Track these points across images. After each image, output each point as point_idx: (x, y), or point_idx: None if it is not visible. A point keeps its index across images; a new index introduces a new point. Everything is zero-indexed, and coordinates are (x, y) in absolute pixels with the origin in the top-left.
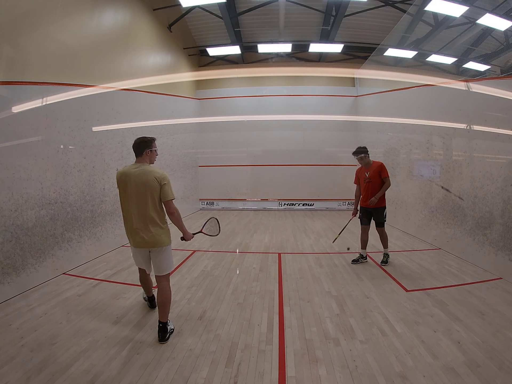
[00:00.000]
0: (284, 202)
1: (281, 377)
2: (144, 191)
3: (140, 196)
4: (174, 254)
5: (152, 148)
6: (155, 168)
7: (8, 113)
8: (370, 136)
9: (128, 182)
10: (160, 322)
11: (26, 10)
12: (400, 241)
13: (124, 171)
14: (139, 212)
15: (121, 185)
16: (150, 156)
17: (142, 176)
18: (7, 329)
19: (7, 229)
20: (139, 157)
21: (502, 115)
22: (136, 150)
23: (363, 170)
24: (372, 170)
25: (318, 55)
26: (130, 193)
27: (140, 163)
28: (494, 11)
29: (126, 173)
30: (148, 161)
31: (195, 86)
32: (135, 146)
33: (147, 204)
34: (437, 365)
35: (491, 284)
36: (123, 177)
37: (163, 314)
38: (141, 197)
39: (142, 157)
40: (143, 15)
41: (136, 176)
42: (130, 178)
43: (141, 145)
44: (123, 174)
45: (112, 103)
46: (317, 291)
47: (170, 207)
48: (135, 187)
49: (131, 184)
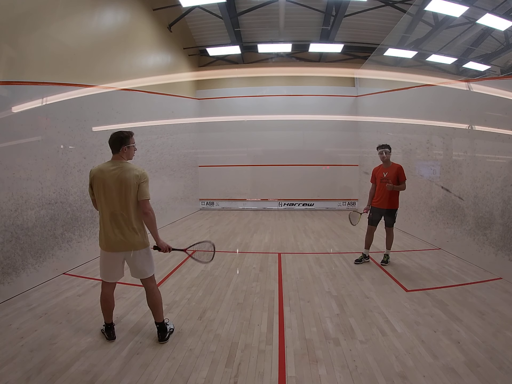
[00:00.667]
0: (284, 202)
1: (281, 377)
2: (124, 191)
3: (120, 195)
4: (174, 254)
5: (129, 144)
6: (135, 166)
7: (8, 113)
8: (370, 136)
9: (107, 181)
10: (156, 323)
11: (26, 10)
12: (400, 241)
13: (100, 169)
14: (118, 212)
15: (97, 184)
16: (128, 152)
17: (120, 175)
18: (7, 329)
19: (7, 229)
20: (115, 154)
21: (502, 115)
22: (112, 146)
23: (381, 169)
24: (390, 171)
25: (318, 55)
26: (108, 192)
27: (117, 160)
28: (494, 11)
29: (103, 171)
30: (126, 157)
31: (195, 86)
32: (111, 142)
33: (128, 204)
34: (437, 365)
35: (491, 284)
36: (99, 175)
37: (157, 315)
38: (121, 197)
39: (119, 154)
40: (143, 15)
41: (114, 175)
42: (108, 177)
43: (117, 141)
44: (100, 172)
45: (112, 103)
46: (317, 291)
47: (146, 206)
48: (114, 186)
49: (109, 183)
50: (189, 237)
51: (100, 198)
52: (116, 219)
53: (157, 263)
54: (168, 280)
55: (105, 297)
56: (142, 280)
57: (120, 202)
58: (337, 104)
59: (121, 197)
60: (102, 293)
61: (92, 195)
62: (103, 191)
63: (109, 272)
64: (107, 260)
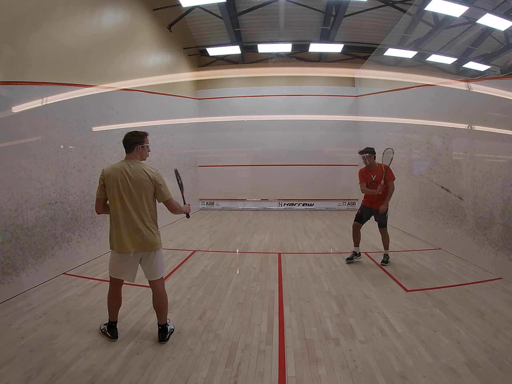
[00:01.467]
0: (284, 202)
1: (281, 377)
2: (140, 191)
3: (136, 196)
4: (174, 254)
5: (144, 144)
6: (149, 166)
7: (8, 113)
8: (370, 136)
9: (122, 181)
10: (159, 325)
11: (26, 10)
12: (400, 241)
13: (115, 168)
14: (135, 213)
15: (111, 184)
16: (142, 152)
17: (136, 175)
18: (7, 329)
19: (7, 229)
20: (129, 154)
21: (502, 115)
22: (126, 146)
23: (369, 172)
24: (378, 174)
25: (318, 55)
26: (124, 193)
27: (131, 159)
28: (494, 11)
29: (118, 171)
30: (139, 157)
31: (195, 86)
32: (125, 141)
33: (143, 205)
34: (437, 365)
35: (491, 284)
36: (114, 175)
37: (162, 317)
38: (137, 197)
39: (133, 153)
40: (143, 15)
41: (130, 175)
42: (124, 177)
43: (132, 140)
44: (115, 171)
45: (112, 103)
46: (317, 291)
47: (172, 205)
48: (131, 187)
49: (125, 183)
50: (189, 237)
51: (115, 198)
52: (132, 220)
53: None
54: (168, 280)
55: (115, 294)
56: (152, 281)
57: (138, 202)
58: (337, 104)
59: (139, 198)
60: (111, 290)
61: (101, 195)
62: (119, 191)
63: (122, 271)
64: (122, 261)
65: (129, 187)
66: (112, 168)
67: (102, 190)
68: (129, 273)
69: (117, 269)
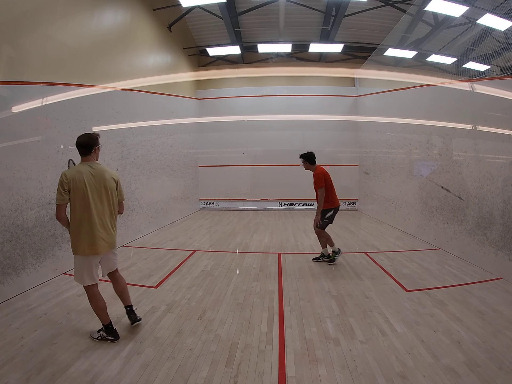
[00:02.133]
0: (284, 202)
1: (281, 377)
2: (107, 191)
3: (105, 196)
4: (174, 254)
5: (99, 144)
6: (107, 167)
7: (8, 113)
8: (370, 136)
9: (89, 183)
10: (126, 306)
11: (26, 10)
12: (400, 241)
13: (79, 171)
14: (107, 213)
15: (78, 187)
16: (98, 153)
17: (101, 175)
18: (7, 329)
19: (7, 229)
20: (87, 156)
21: (502, 115)
22: (85, 148)
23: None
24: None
25: (318, 55)
26: (92, 194)
27: (90, 161)
28: (494, 11)
29: (83, 173)
30: (96, 158)
31: (195, 86)
32: (83, 144)
33: (112, 204)
34: (437, 365)
35: (491, 284)
36: (80, 178)
37: (127, 298)
38: (105, 197)
39: (91, 155)
40: (143, 15)
41: (96, 176)
42: (90, 178)
43: (92, 142)
44: (80, 175)
45: (112, 103)
46: (317, 291)
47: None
48: (98, 188)
49: (92, 185)
50: (189, 237)
51: (85, 201)
52: (103, 221)
53: (156, 263)
54: (168, 280)
55: (97, 296)
56: (112, 272)
57: (108, 203)
58: (337, 104)
59: (107, 197)
60: (93, 294)
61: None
62: (87, 194)
63: (95, 274)
64: (92, 263)
65: (96, 188)
66: (75, 171)
67: (67, 195)
68: (95, 272)
69: (89, 274)
